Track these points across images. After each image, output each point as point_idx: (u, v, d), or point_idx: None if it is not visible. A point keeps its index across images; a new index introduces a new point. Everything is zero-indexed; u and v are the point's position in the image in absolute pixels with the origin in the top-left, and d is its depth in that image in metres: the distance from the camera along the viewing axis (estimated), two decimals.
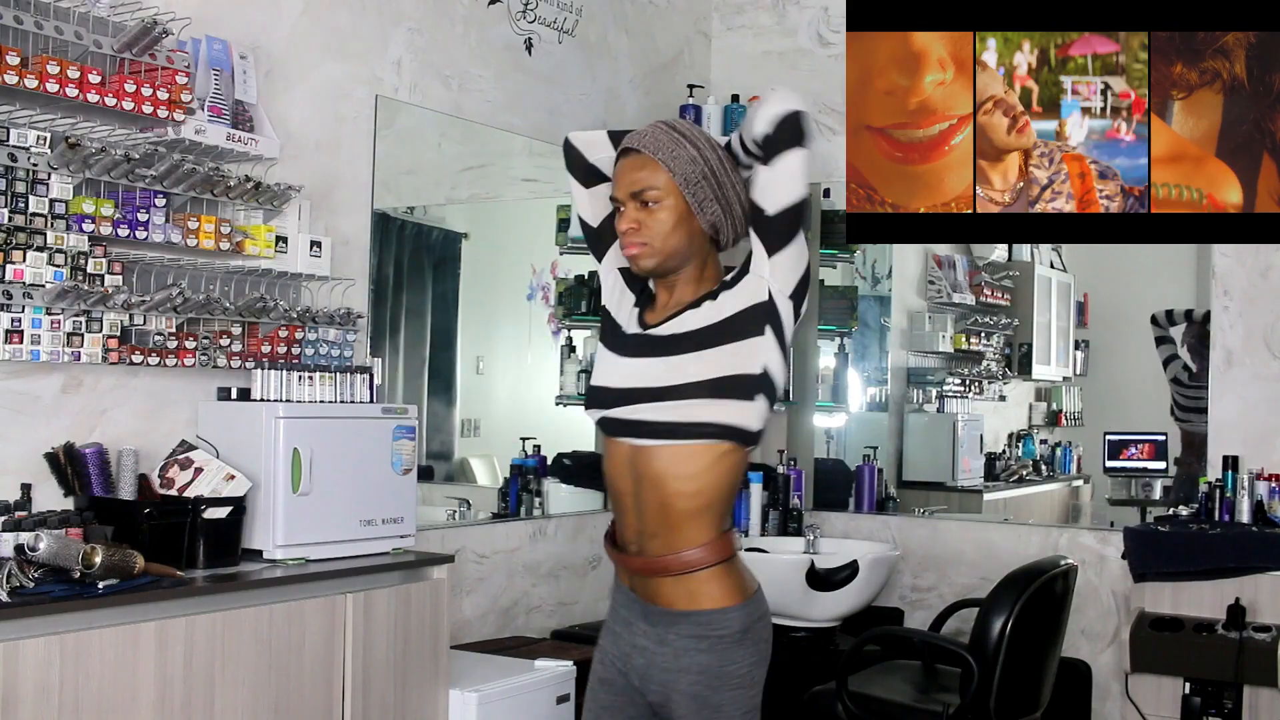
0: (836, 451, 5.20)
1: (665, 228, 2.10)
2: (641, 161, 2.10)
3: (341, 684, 2.95)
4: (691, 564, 2.09)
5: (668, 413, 2.06)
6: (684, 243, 2.12)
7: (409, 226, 4.15)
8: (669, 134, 2.10)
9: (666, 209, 2.09)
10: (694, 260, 2.15)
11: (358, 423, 3.18)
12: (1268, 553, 3.72)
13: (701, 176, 2.09)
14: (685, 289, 2.16)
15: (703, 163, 2.09)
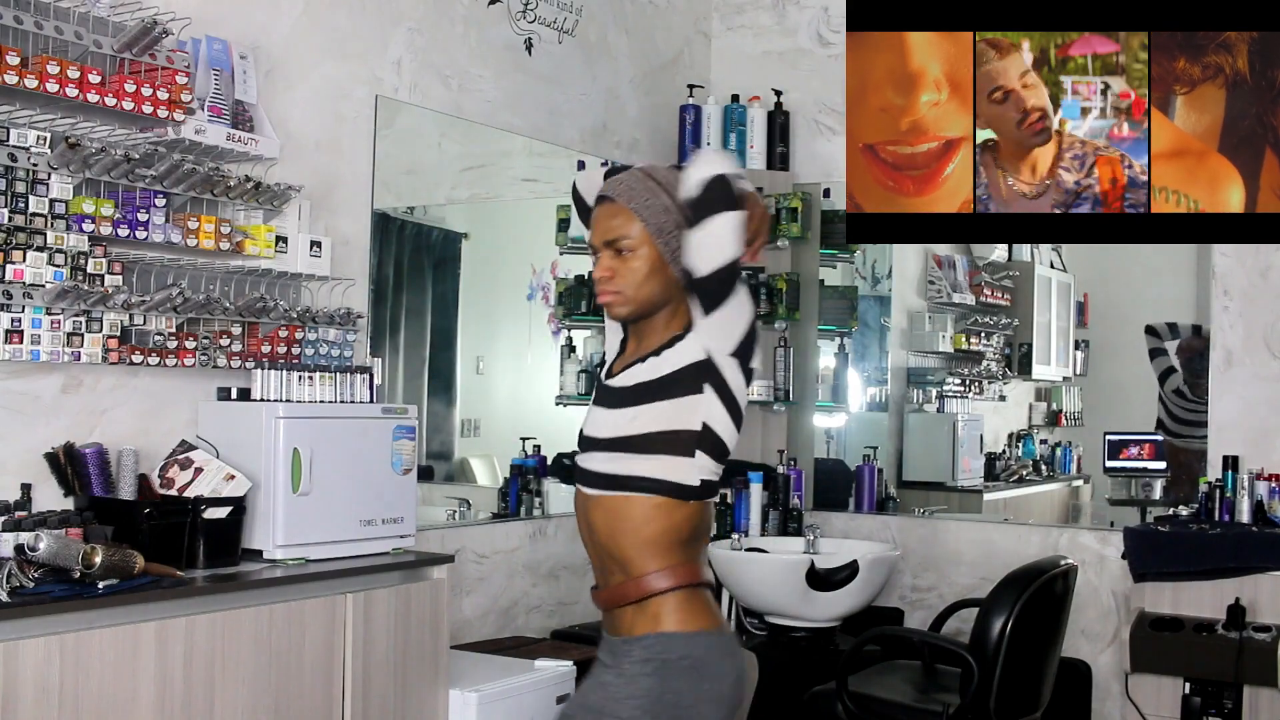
0: (836, 451, 5.20)
1: (639, 276, 2.10)
2: (615, 210, 2.12)
3: (341, 684, 2.95)
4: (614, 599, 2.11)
5: (607, 464, 2.09)
6: (657, 291, 2.12)
7: (409, 226, 4.15)
8: (644, 182, 2.11)
9: (640, 258, 2.10)
10: (668, 308, 2.15)
11: (358, 423, 3.18)
12: (1268, 553, 3.72)
13: (676, 226, 2.09)
14: (652, 338, 2.16)
15: (675, 212, 2.09)
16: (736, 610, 4.34)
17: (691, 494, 2.08)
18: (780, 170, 4.93)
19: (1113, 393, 5.67)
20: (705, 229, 2.04)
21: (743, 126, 4.89)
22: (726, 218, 2.03)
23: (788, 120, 4.96)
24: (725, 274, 2.05)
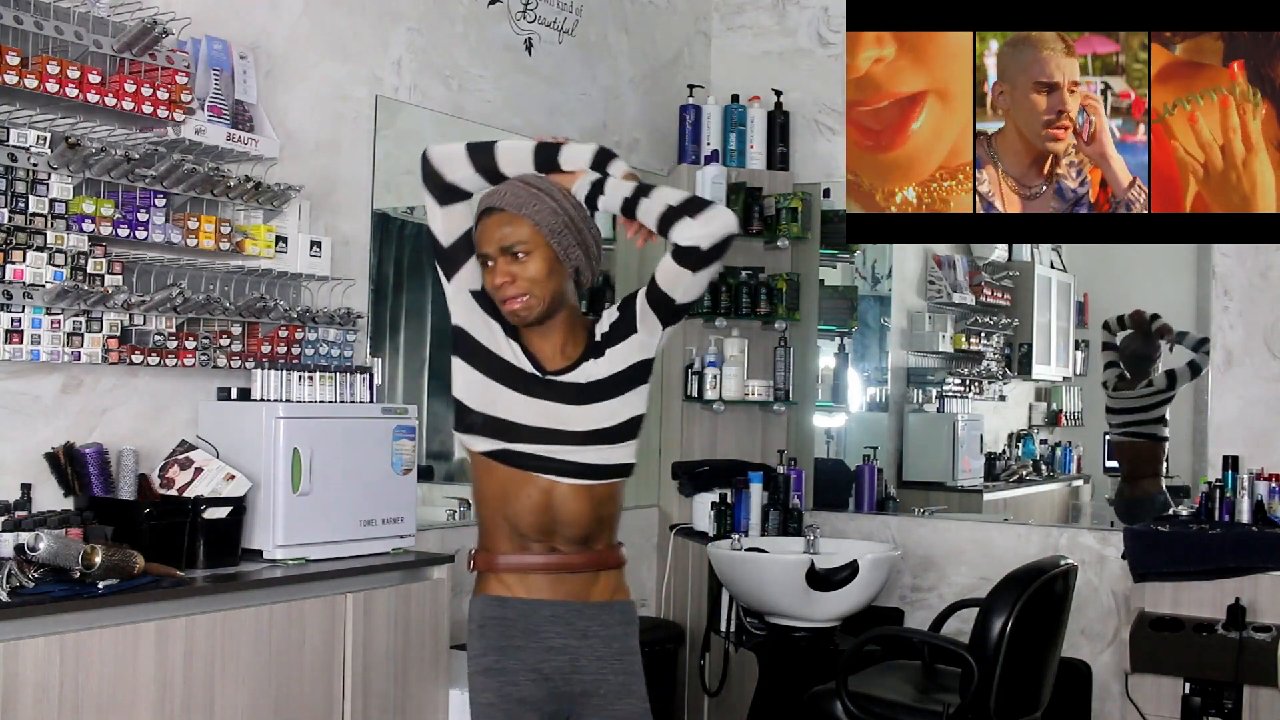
0: (836, 451, 5.20)
1: (540, 275, 2.24)
2: (506, 218, 2.24)
3: (341, 684, 2.95)
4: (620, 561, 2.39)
5: (592, 455, 2.27)
6: (559, 287, 2.27)
7: (409, 226, 4.15)
8: (526, 189, 2.24)
9: (537, 259, 2.24)
10: (568, 303, 2.31)
11: (358, 423, 3.18)
12: (1268, 553, 3.72)
13: (564, 226, 2.24)
14: (563, 334, 2.32)
15: (562, 213, 2.24)
16: (737, 610, 4.34)
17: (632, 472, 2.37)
18: (780, 170, 4.93)
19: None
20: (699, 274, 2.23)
21: (743, 126, 4.89)
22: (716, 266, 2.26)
23: (788, 120, 4.96)
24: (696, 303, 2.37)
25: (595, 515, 2.29)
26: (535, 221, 2.22)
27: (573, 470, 2.26)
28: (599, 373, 2.30)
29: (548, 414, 2.27)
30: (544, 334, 2.31)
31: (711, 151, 4.82)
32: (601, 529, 2.32)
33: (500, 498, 2.28)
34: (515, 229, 2.22)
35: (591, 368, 2.30)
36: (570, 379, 2.29)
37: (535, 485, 2.26)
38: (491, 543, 2.32)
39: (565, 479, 2.26)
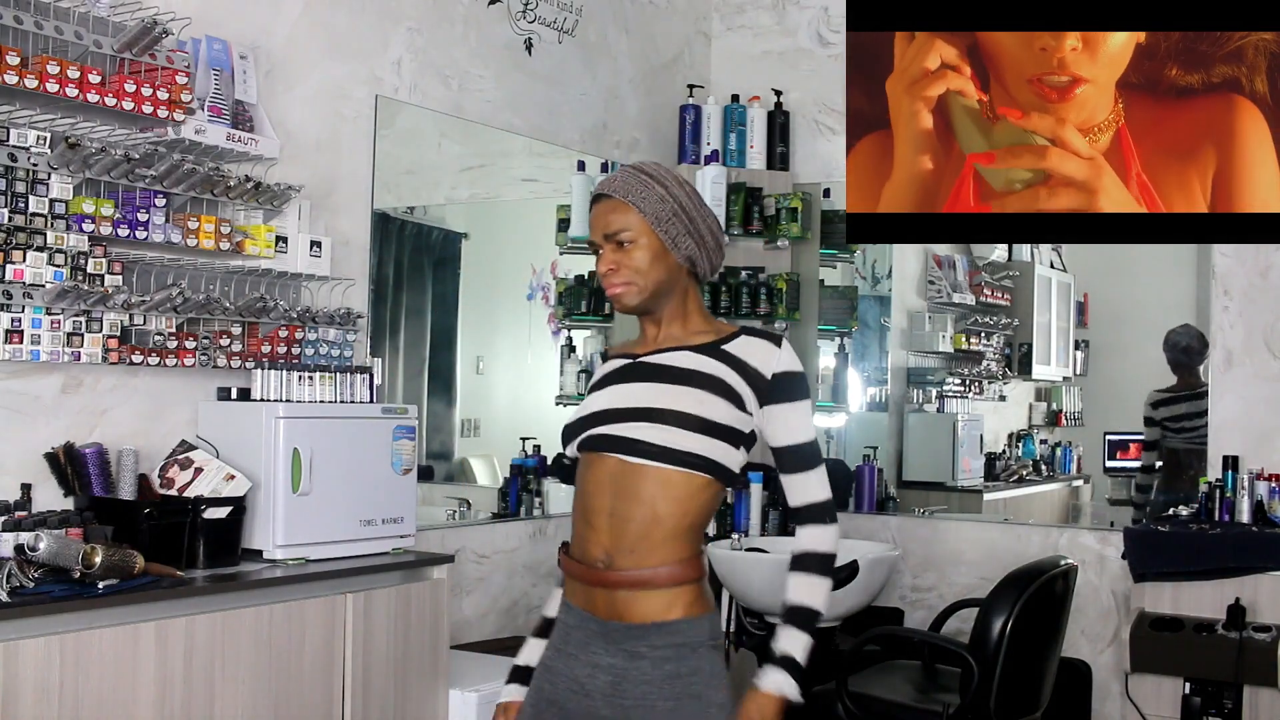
0: (836, 451, 5.21)
1: (643, 264, 2.18)
2: (613, 205, 2.19)
3: (341, 684, 2.95)
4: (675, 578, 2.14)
5: (660, 435, 2.12)
6: (664, 277, 2.20)
7: (409, 226, 4.15)
8: (636, 176, 2.20)
9: (641, 247, 2.18)
10: (676, 293, 2.23)
11: (358, 423, 3.18)
12: (1268, 553, 3.72)
13: (672, 214, 2.18)
14: (673, 325, 2.24)
15: (672, 200, 2.19)
16: (736, 610, 4.34)
17: (735, 480, 2.23)
18: (780, 170, 4.93)
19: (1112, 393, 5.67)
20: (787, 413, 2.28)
21: (743, 126, 4.89)
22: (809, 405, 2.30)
23: (788, 120, 4.96)
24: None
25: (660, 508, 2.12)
26: (641, 209, 2.17)
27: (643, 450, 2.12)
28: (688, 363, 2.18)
29: (623, 395, 2.18)
30: (653, 322, 2.25)
31: (711, 151, 4.82)
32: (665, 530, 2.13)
33: (580, 487, 2.19)
34: (621, 216, 2.18)
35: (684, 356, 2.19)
36: (648, 359, 2.21)
37: (606, 465, 2.15)
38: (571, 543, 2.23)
39: (634, 458, 2.12)
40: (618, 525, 2.13)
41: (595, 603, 2.17)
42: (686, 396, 2.15)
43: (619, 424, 2.15)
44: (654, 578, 2.12)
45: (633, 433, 2.14)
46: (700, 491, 2.16)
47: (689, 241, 2.20)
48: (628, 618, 2.14)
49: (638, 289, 2.19)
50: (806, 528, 2.22)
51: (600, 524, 2.15)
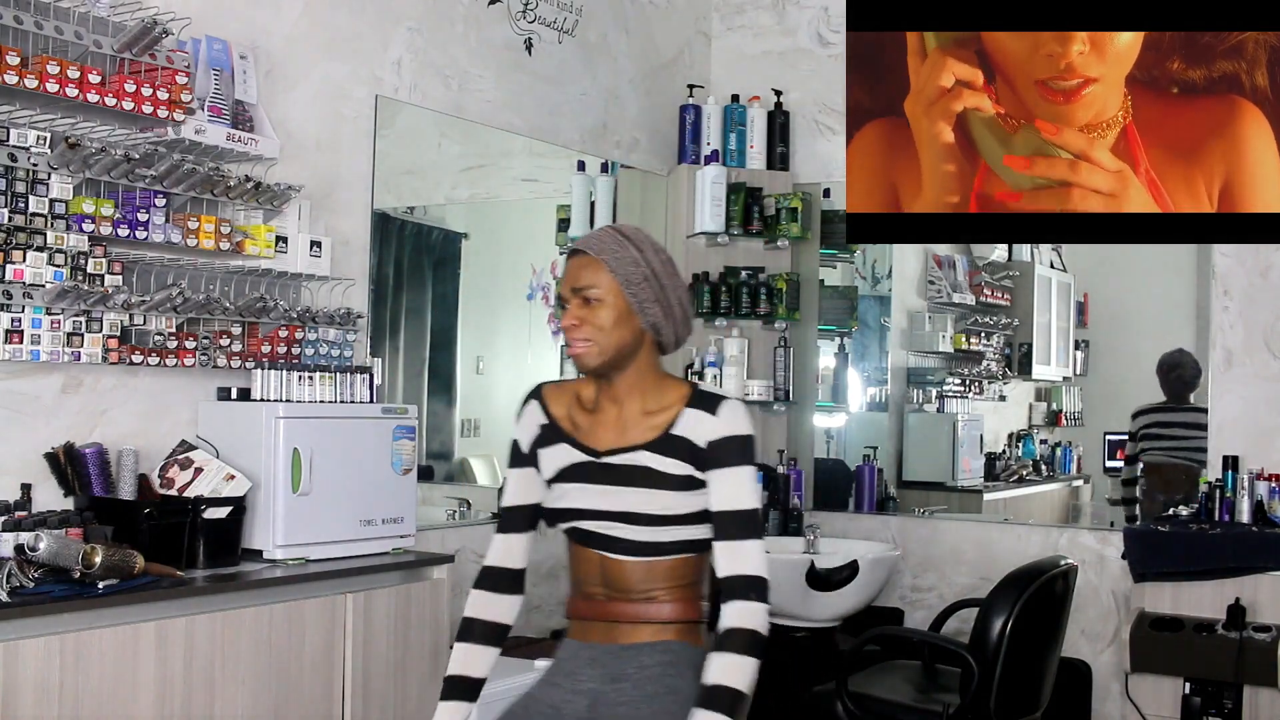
0: (836, 451, 5.20)
1: (607, 324, 2.19)
2: (585, 261, 2.21)
3: (341, 684, 2.95)
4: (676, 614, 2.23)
5: (638, 533, 2.19)
6: (627, 339, 2.21)
7: (409, 226, 4.15)
8: (614, 237, 2.21)
9: (608, 306, 2.19)
10: (635, 361, 2.24)
11: (358, 423, 3.18)
12: (1268, 553, 3.72)
13: (643, 278, 2.19)
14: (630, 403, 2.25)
15: (644, 264, 2.19)
16: None
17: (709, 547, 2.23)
18: (780, 170, 4.93)
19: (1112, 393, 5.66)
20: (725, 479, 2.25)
21: (743, 126, 4.89)
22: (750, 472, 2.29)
23: (788, 120, 4.96)
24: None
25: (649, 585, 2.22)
26: (613, 269, 2.18)
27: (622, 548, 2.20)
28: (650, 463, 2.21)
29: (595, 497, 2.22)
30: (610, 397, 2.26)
31: (711, 151, 4.82)
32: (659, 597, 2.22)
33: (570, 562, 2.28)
34: (592, 273, 2.19)
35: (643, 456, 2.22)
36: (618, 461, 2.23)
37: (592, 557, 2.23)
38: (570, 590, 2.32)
39: (612, 554, 2.21)
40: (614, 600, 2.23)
41: (589, 631, 2.25)
42: (655, 500, 2.20)
43: (595, 522, 2.22)
44: (658, 614, 2.22)
45: (612, 532, 2.21)
46: (687, 563, 2.23)
47: (656, 309, 2.21)
48: (623, 640, 2.22)
49: (599, 349, 2.19)
50: (735, 603, 2.15)
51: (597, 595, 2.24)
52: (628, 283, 2.19)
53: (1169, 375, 4.79)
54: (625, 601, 2.23)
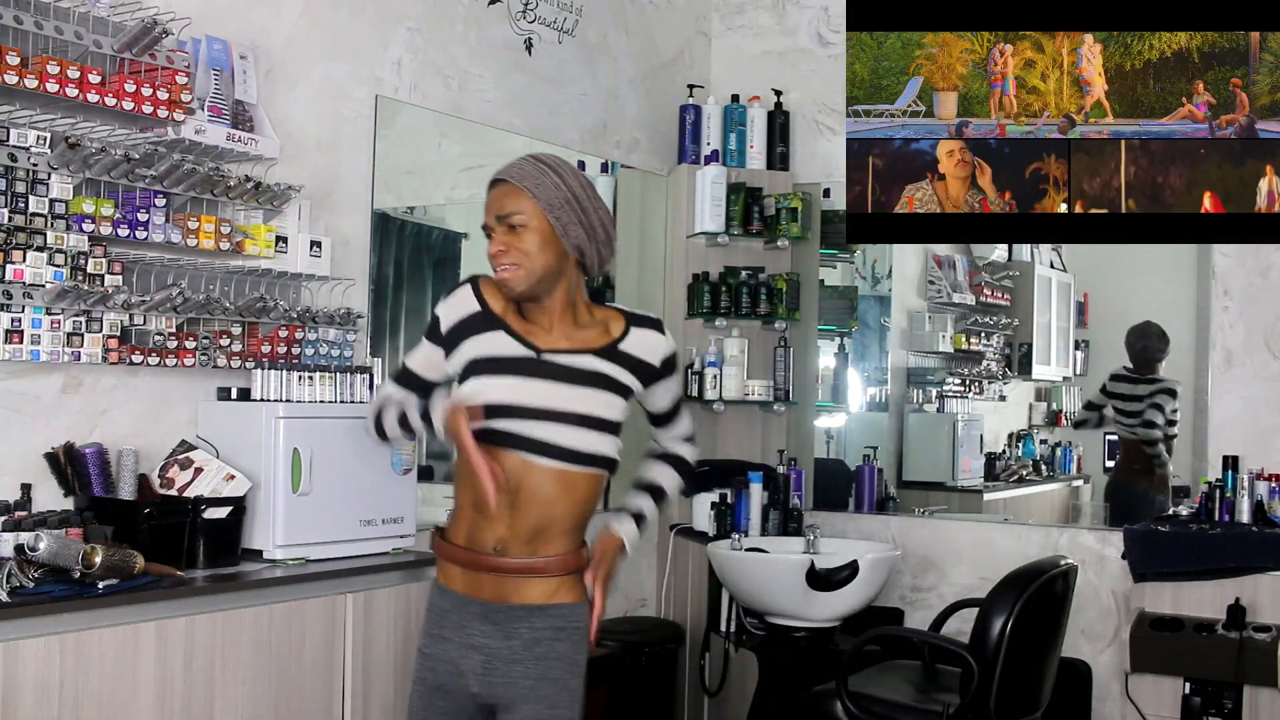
0: (836, 451, 5.20)
1: (533, 248, 2.27)
2: (508, 190, 2.29)
3: (341, 684, 2.95)
4: (566, 567, 2.31)
5: (567, 437, 2.25)
6: (552, 263, 2.29)
7: (409, 226, 4.15)
8: (534, 164, 2.31)
9: (532, 230, 2.27)
10: (562, 283, 2.32)
11: (358, 423, 3.17)
12: (1268, 553, 3.72)
13: (564, 201, 2.27)
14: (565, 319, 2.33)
15: (565, 189, 2.28)
16: (737, 610, 4.34)
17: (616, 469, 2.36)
18: (780, 170, 4.93)
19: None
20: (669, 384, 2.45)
21: (743, 126, 4.89)
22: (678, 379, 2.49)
23: (788, 120, 4.96)
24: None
25: (559, 505, 2.27)
26: (535, 195, 2.26)
27: (550, 451, 2.25)
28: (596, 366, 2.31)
29: (533, 392, 2.27)
30: (538, 311, 2.33)
31: (711, 151, 4.82)
32: (561, 523, 2.29)
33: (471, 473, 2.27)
34: (515, 200, 2.27)
35: (592, 360, 2.31)
36: (567, 361, 2.30)
37: (508, 462, 2.25)
38: (451, 529, 2.36)
39: (540, 458, 2.25)
40: (516, 518, 2.27)
41: (481, 587, 2.30)
42: (592, 400, 2.28)
43: (524, 421, 2.25)
44: (547, 566, 2.29)
45: (540, 433, 2.25)
46: (594, 485, 2.31)
47: (579, 230, 2.28)
48: (513, 600, 2.29)
49: (525, 272, 2.26)
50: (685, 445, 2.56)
51: (494, 513, 2.26)
52: (550, 207, 2.26)
53: (1135, 345, 4.99)
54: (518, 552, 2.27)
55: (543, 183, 2.26)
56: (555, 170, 2.28)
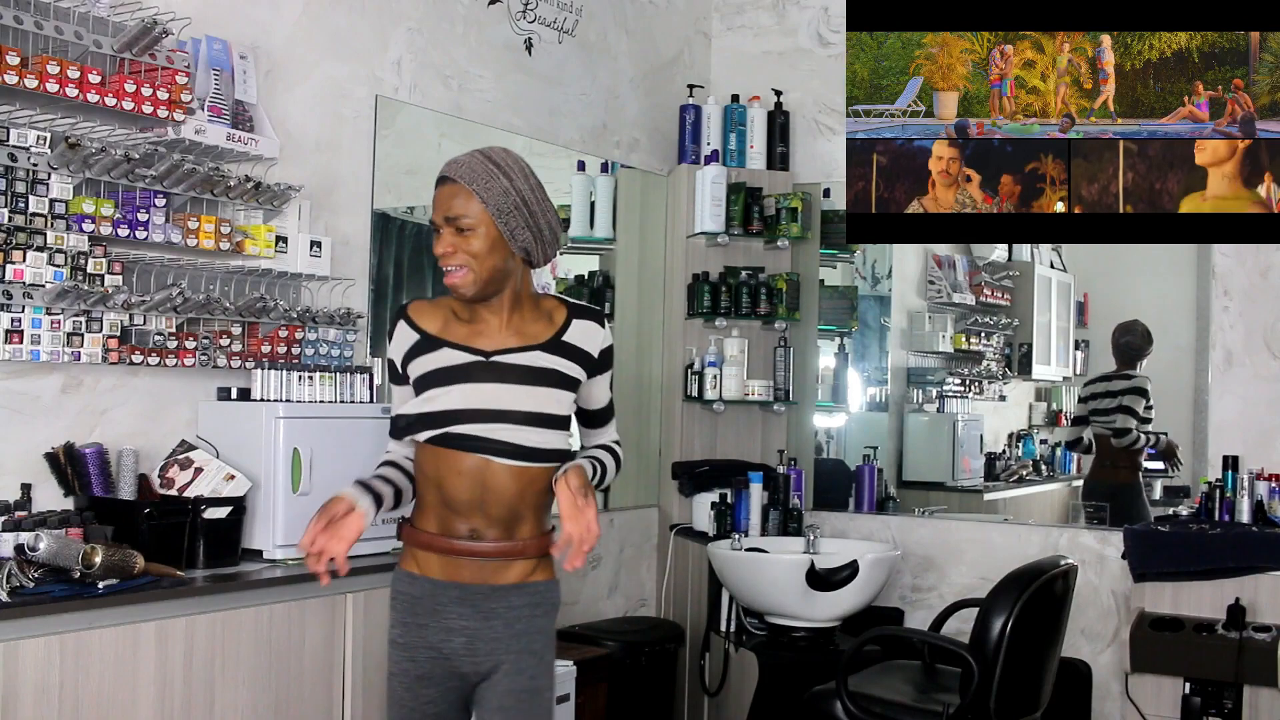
0: (836, 451, 5.20)
1: (480, 251, 2.28)
2: (456, 190, 2.30)
3: (341, 684, 2.95)
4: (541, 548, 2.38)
5: (523, 436, 2.30)
6: (499, 265, 2.31)
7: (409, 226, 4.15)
8: (484, 164, 2.30)
9: (480, 236, 2.28)
10: (510, 281, 2.34)
11: (358, 423, 3.18)
12: (1268, 553, 3.72)
13: (514, 206, 2.28)
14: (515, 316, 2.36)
15: (515, 193, 2.29)
16: (737, 610, 4.34)
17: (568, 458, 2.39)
18: (780, 170, 4.93)
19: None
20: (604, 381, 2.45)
21: (743, 126, 4.89)
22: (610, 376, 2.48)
23: (788, 120, 4.96)
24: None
25: (524, 498, 2.32)
26: (484, 199, 2.26)
27: (508, 451, 2.28)
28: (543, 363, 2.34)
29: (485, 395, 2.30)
30: (485, 310, 2.35)
31: (711, 151, 4.82)
32: (528, 514, 2.34)
33: (436, 476, 2.33)
34: (463, 203, 2.28)
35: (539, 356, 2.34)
36: (516, 360, 2.32)
37: (469, 463, 2.29)
38: (419, 518, 2.39)
39: (499, 459, 2.28)
40: (483, 511, 2.31)
41: (459, 570, 2.33)
42: (543, 397, 2.32)
43: (479, 424, 2.29)
44: (525, 549, 2.35)
45: (496, 434, 2.29)
46: (550, 474, 2.34)
47: (527, 234, 2.30)
48: (494, 580, 2.34)
49: (474, 277, 2.28)
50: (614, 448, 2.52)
51: (463, 509, 2.31)
52: (499, 212, 2.27)
53: (1119, 341, 5.10)
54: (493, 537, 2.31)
55: (492, 186, 2.26)
56: (505, 172, 2.29)
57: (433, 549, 2.35)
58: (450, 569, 2.34)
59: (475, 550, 2.32)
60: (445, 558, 2.34)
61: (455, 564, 2.34)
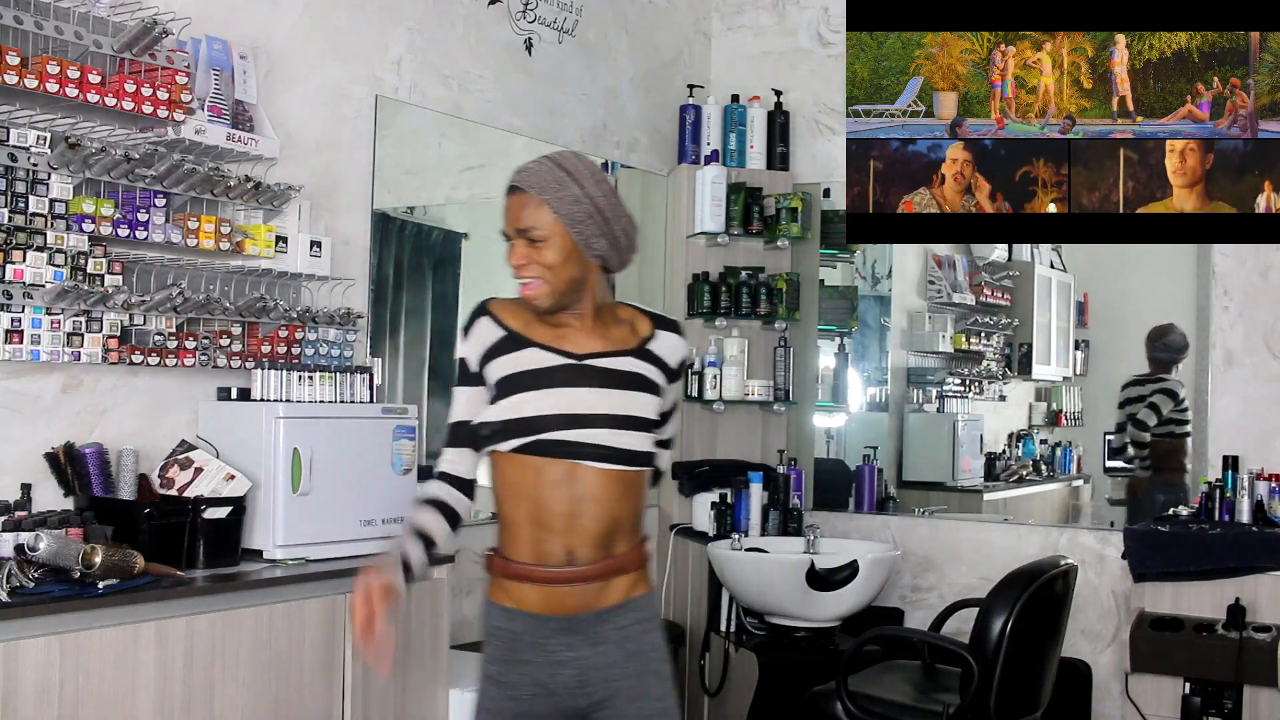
0: (836, 451, 5.20)
1: (555, 262, 2.19)
2: (525, 200, 2.19)
3: (341, 684, 2.95)
4: (641, 560, 2.28)
5: (617, 439, 2.20)
6: (575, 274, 2.21)
7: (409, 226, 4.15)
8: (554, 171, 2.19)
9: (553, 247, 2.18)
10: (588, 288, 2.25)
11: (358, 423, 3.18)
12: (1268, 553, 3.71)
13: (586, 215, 2.18)
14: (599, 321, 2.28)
15: (587, 201, 2.18)
16: (737, 610, 4.34)
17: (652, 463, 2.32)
18: (780, 170, 4.93)
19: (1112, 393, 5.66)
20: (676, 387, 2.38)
21: (743, 126, 4.89)
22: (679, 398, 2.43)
23: (788, 120, 4.96)
24: None
25: (620, 505, 2.20)
26: (555, 209, 2.16)
27: (604, 455, 2.18)
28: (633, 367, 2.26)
29: (577, 400, 2.20)
30: (569, 316, 2.25)
31: (711, 151, 4.82)
32: (624, 523, 2.23)
33: (525, 490, 2.19)
34: (534, 213, 2.17)
35: (628, 361, 2.26)
36: (608, 364, 2.24)
37: (563, 471, 2.17)
38: (509, 547, 2.23)
39: (594, 464, 2.17)
40: (579, 525, 2.19)
41: (561, 601, 2.20)
42: (635, 401, 2.23)
43: (572, 430, 2.18)
44: (625, 564, 2.24)
45: (591, 438, 2.18)
46: (644, 483, 2.27)
47: (602, 242, 2.21)
48: (598, 604, 2.22)
49: (549, 289, 2.20)
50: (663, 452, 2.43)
51: (557, 525, 2.19)
52: (572, 222, 2.17)
53: (1153, 345, 4.97)
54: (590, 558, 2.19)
55: (563, 195, 2.16)
56: (576, 179, 2.18)
57: (532, 580, 2.21)
58: (550, 600, 2.20)
59: (575, 576, 2.19)
60: (546, 588, 2.20)
61: (557, 594, 2.20)
